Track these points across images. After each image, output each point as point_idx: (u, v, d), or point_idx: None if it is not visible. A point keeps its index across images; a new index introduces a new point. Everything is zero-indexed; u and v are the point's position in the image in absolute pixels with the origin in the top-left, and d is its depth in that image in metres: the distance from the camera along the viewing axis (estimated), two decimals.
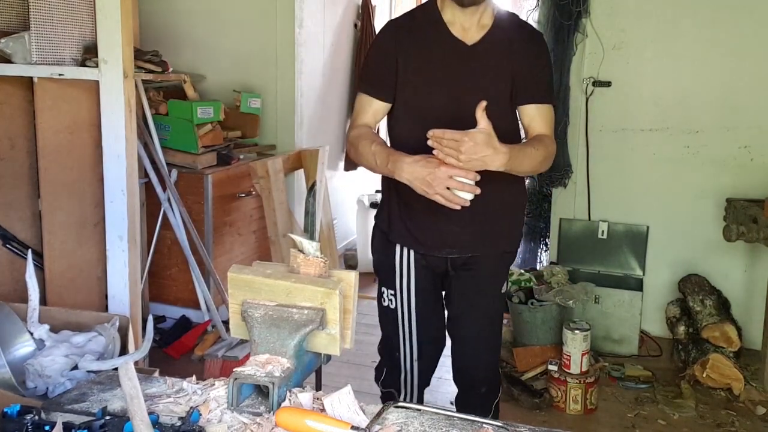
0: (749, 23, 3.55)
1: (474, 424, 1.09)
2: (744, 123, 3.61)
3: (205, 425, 1.06)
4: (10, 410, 1.08)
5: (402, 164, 1.69)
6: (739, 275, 3.70)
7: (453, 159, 1.58)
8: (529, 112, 1.92)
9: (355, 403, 1.10)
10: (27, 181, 2.71)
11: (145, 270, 3.52)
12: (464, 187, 1.62)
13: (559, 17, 3.73)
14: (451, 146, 1.57)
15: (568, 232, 3.92)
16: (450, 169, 1.60)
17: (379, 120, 1.98)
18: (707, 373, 3.16)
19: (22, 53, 2.52)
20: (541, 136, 1.89)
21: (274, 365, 1.12)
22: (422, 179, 1.64)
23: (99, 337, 1.97)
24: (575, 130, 3.86)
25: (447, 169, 1.60)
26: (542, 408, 3.06)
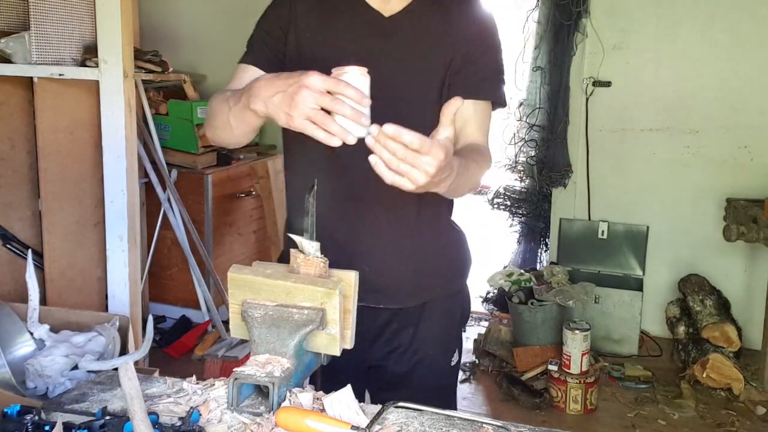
0: (749, 23, 3.54)
1: (474, 424, 1.09)
2: (744, 123, 3.61)
3: (205, 425, 1.05)
4: (10, 410, 1.08)
5: (258, 82, 1.18)
6: (739, 275, 3.70)
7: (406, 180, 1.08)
8: (463, 110, 1.41)
9: (355, 402, 1.10)
10: (27, 181, 2.71)
11: (145, 270, 3.52)
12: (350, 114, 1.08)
13: (559, 17, 3.73)
14: (407, 159, 1.05)
15: (568, 232, 3.92)
16: (329, 79, 1.09)
17: None
18: (707, 373, 3.16)
19: (22, 53, 2.52)
20: (479, 148, 1.43)
21: (274, 365, 1.12)
22: (284, 93, 1.11)
23: (99, 337, 1.97)
24: (575, 130, 3.86)
25: (322, 77, 1.08)
26: (542, 408, 3.06)
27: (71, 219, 2.66)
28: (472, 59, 1.43)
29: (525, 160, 4.02)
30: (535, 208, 4.23)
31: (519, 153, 4.03)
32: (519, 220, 4.33)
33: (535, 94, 3.91)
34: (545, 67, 3.84)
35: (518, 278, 3.64)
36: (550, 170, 3.89)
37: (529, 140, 3.96)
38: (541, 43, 3.84)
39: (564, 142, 3.85)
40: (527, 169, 4.04)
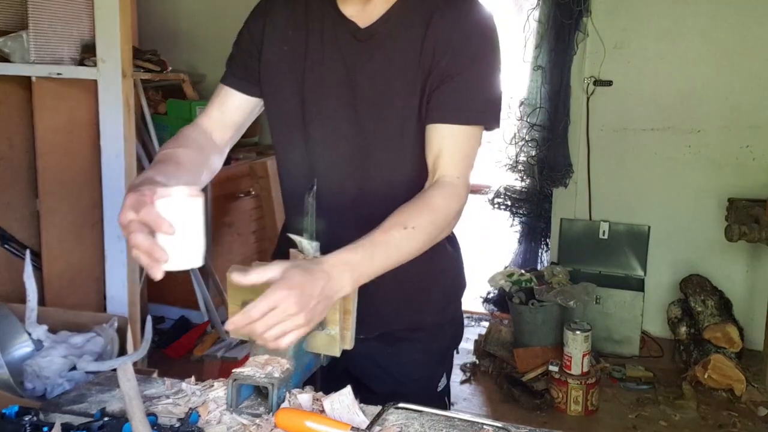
0: (750, 22, 3.54)
1: (474, 425, 1.08)
2: (746, 122, 3.61)
3: (204, 426, 1.05)
4: (9, 411, 1.08)
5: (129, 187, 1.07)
6: (740, 276, 3.69)
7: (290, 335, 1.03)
8: (436, 136, 1.25)
9: (355, 404, 1.09)
10: (25, 181, 2.70)
11: (144, 270, 3.51)
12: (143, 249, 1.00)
13: (560, 16, 3.73)
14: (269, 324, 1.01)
15: (569, 232, 3.92)
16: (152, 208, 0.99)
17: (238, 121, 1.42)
18: (709, 374, 3.16)
19: (21, 52, 2.51)
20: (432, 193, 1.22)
21: (273, 366, 1.11)
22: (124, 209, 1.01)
23: (97, 338, 1.96)
24: (576, 129, 3.85)
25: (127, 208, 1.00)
26: (543, 409, 3.05)
27: (69, 219, 2.65)
28: (451, 74, 1.25)
29: (526, 160, 4.01)
30: (535, 208, 4.23)
31: (520, 153, 4.03)
32: (520, 220, 4.33)
33: (535, 93, 3.91)
34: (546, 67, 3.84)
35: (519, 278, 3.63)
36: (551, 170, 3.89)
37: (530, 140, 3.95)
38: (542, 43, 3.83)
39: (565, 141, 3.85)
40: (528, 169, 4.04)
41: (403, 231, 1.15)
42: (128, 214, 1.00)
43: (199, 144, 1.34)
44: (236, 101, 1.39)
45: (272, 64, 1.35)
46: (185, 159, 1.26)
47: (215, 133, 1.40)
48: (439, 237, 1.22)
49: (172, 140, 1.33)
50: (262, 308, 1.00)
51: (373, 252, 1.12)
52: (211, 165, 1.36)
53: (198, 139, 1.35)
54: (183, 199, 1.00)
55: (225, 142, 1.42)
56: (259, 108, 1.42)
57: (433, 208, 1.20)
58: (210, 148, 1.37)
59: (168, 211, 0.99)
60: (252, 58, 1.36)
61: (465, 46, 1.25)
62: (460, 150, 1.26)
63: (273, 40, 1.34)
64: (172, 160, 1.24)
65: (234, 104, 1.39)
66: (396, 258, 1.15)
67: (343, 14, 1.29)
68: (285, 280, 1.02)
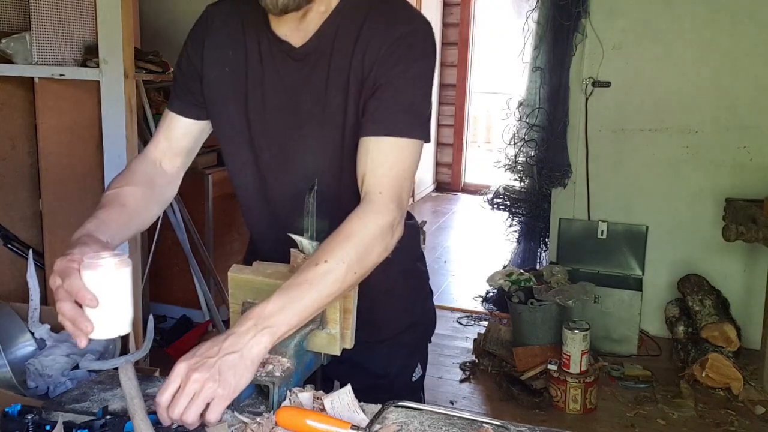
0: (748, 24, 3.55)
1: (474, 424, 1.09)
2: (743, 123, 3.61)
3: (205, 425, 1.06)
4: (11, 410, 1.09)
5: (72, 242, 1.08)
6: (738, 275, 3.70)
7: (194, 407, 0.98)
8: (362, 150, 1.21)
9: (355, 402, 1.10)
10: (28, 181, 2.71)
11: (146, 270, 3.53)
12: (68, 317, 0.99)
13: (559, 17, 3.73)
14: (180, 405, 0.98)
15: (568, 232, 3.93)
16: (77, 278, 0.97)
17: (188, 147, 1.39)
18: (706, 373, 3.17)
19: (23, 53, 2.52)
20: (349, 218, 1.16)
21: (274, 365, 1.12)
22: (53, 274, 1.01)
23: None
24: (575, 130, 3.86)
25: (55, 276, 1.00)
26: (542, 407, 3.06)
27: (72, 219, 2.66)
28: (378, 85, 1.21)
29: (525, 160, 4.02)
30: (534, 208, 4.24)
31: (519, 153, 4.03)
32: (518, 220, 4.34)
33: (534, 94, 3.91)
34: (545, 68, 3.84)
35: (518, 278, 3.64)
36: (550, 170, 3.89)
37: (529, 140, 3.96)
38: (541, 44, 3.84)
39: (563, 142, 3.86)
40: (527, 169, 4.04)
41: (315, 268, 1.10)
42: (56, 281, 0.99)
43: (148, 177, 1.33)
44: (183, 126, 1.36)
45: (215, 86, 1.32)
46: (131, 199, 1.25)
47: (165, 162, 1.37)
48: (366, 262, 1.14)
49: (119, 176, 1.31)
50: (167, 394, 0.99)
51: (286, 300, 1.07)
52: (161, 197, 1.35)
53: (147, 172, 1.33)
54: (109, 270, 0.98)
55: (176, 169, 1.39)
56: (208, 129, 1.39)
57: (348, 235, 1.14)
58: (160, 180, 1.35)
59: (93, 283, 0.97)
60: (194, 80, 1.33)
61: (391, 57, 1.20)
62: (383, 163, 1.19)
63: (213, 61, 1.31)
64: (117, 202, 1.23)
65: (181, 130, 1.37)
66: (317, 297, 1.09)
67: (277, 35, 1.25)
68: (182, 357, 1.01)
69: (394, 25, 1.21)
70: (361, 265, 1.14)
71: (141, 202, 1.28)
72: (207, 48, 1.32)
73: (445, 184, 7.85)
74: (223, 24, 1.32)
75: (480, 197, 4.69)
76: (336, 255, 1.11)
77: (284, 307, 1.07)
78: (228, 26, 1.31)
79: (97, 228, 1.14)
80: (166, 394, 0.99)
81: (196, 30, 1.36)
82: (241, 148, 1.34)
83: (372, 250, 1.15)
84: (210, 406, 0.99)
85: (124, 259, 1.01)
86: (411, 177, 1.23)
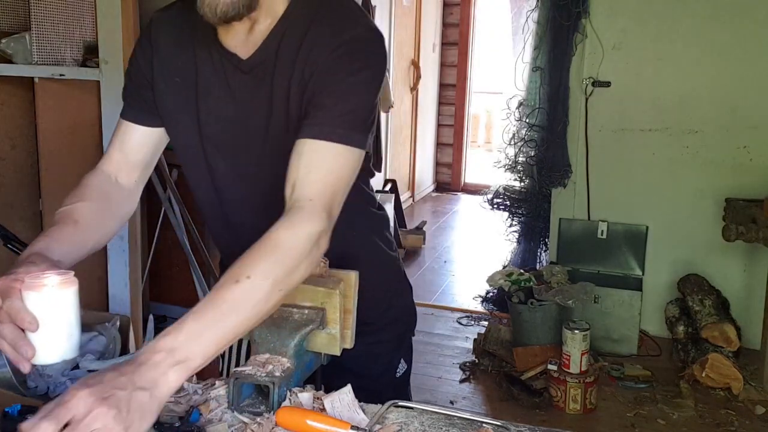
0: (748, 23, 3.55)
1: (474, 424, 1.09)
2: (743, 123, 3.62)
3: (205, 425, 1.06)
4: (11, 410, 1.09)
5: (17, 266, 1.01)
6: (738, 275, 3.70)
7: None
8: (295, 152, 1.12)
9: (355, 402, 1.10)
10: (28, 181, 2.71)
11: (146, 270, 3.53)
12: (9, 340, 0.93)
13: (559, 17, 3.73)
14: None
15: (568, 232, 3.93)
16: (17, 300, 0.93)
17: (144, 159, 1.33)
18: (706, 373, 3.17)
19: (23, 54, 2.53)
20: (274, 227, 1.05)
21: (274, 365, 1.12)
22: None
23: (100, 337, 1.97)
24: (575, 130, 3.86)
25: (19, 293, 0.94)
26: (542, 407, 3.06)
27: None
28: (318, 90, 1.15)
29: (525, 160, 4.02)
30: (534, 207, 4.24)
31: (518, 153, 4.04)
32: (518, 220, 4.34)
33: (534, 94, 3.92)
34: (545, 68, 3.84)
35: (518, 278, 3.64)
36: (550, 170, 3.89)
37: (529, 140, 3.96)
38: (541, 44, 3.84)
39: (563, 142, 3.86)
40: (527, 169, 4.05)
41: (235, 285, 0.97)
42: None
43: (104, 193, 1.26)
44: (138, 136, 1.30)
45: (165, 96, 1.27)
46: (85, 216, 1.19)
47: (121, 176, 1.31)
48: (293, 278, 1.04)
49: (72, 193, 1.24)
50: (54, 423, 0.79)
51: (202, 325, 0.93)
52: (118, 212, 1.29)
53: (101, 187, 1.27)
54: (52, 291, 0.93)
55: (134, 183, 1.32)
56: (165, 139, 1.33)
57: (274, 246, 1.02)
58: (116, 195, 1.29)
59: (35, 304, 0.92)
60: (146, 89, 1.28)
61: (333, 64, 1.14)
62: (318, 168, 1.11)
63: (163, 70, 1.26)
64: (70, 219, 1.17)
65: (136, 140, 1.30)
66: (237, 321, 0.96)
67: (225, 47, 1.20)
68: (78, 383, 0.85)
69: (337, 32, 1.16)
70: (288, 282, 1.02)
71: (95, 218, 1.21)
72: (156, 57, 1.27)
73: (445, 184, 7.85)
74: (171, 32, 1.26)
75: (480, 197, 4.69)
76: (260, 270, 0.99)
77: (200, 334, 0.93)
78: (176, 34, 1.26)
79: (47, 246, 1.07)
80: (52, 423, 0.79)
81: (143, 38, 1.30)
82: (196, 161, 1.29)
83: (300, 265, 1.04)
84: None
85: (70, 278, 0.94)
86: (345, 187, 1.14)
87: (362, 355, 1.33)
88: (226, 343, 0.96)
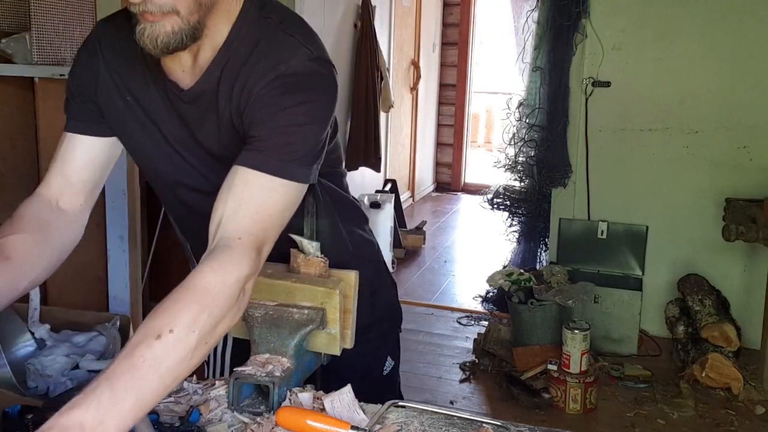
0: (749, 23, 3.55)
1: (474, 424, 1.09)
2: (743, 123, 3.62)
3: (206, 425, 1.06)
4: (11, 410, 1.09)
5: None
6: (738, 275, 3.70)
7: None
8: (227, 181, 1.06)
9: (355, 402, 1.10)
10: (28, 182, 2.71)
11: (146, 270, 3.53)
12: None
13: (559, 17, 3.73)
14: None
15: (568, 231, 3.93)
16: None
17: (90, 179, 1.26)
18: (706, 373, 3.17)
19: (23, 53, 2.52)
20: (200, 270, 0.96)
21: (274, 365, 1.12)
22: None
23: (100, 337, 1.97)
24: (575, 130, 3.86)
25: None
26: (542, 407, 3.06)
27: None
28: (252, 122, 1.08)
29: (525, 160, 4.02)
30: (534, 207, 4.24)
31: (518, 153, 4.04)
32: (518, 219, 4.34)
33: (534, 94, 3.92)
34: (545, 68, 3.85)
35: (518, 278, 3.64)
36: (550, 170, 3.89)
37: (529, 140, 3.96)
38: (541, 44, 3.84)
39: (563, 142, 3.86)
40: (527, 169, 4.05)
41: (156, 342, 0.86)
42: None
43: (40, 221, 1.17)
44: (83, 150, 1.22)
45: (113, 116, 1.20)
46: (18, 250, 1.10)
47: (63, 200, 1.22)
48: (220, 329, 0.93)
49: (5, 224, 1.15)
50: None
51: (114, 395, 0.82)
52: (59, 241, 1.20)
53: (38, 215, 1.18)
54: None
55: (78, 208, 1.24)
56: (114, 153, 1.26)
57: (201, 292, 0.92)
58: (57, 223, 1.20)
59: None
60: (90, 102, 1.21)
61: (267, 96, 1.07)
62: (247, 202, 1.02)
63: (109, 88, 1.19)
64: (2, 255, 1.08)
65: (81, 156, 1.22)
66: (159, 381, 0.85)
67: (167, 76, 1.14)
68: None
69: (273, 64, 1.08)
70: (214, 334, 0.92)
71: (31, 252, 1.12)
72: (101, 72, 1.19)
73: (445, 184, 7.85)
74: (115, 46, 1.18)
75: (480, 197, 4.69)
76: (184, 322, 0.88)
77: (115, 404, 0.81)
78: (121, 49, 1.17)
79: None
80: None
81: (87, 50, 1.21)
82: (158, 182, 1.27)
83: (227, 314, 0.94)
84: None
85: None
86: (279, 223, 1.06)
87: (344, 356, 1.27)
88: (147, 409, 0.86)
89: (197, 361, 0.90)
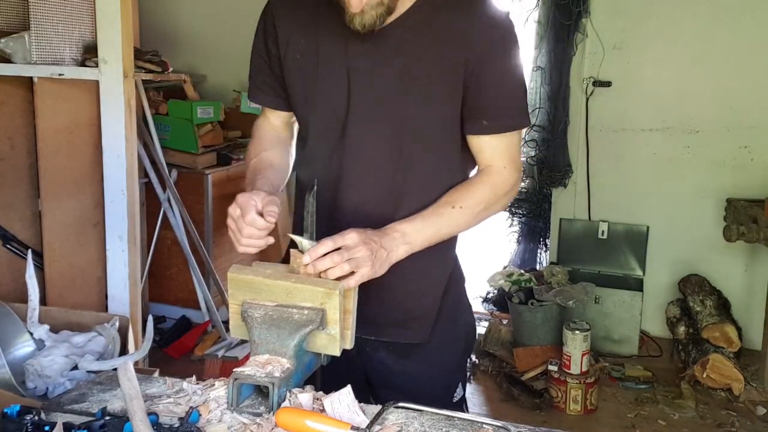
0: (749, 23, 3.55)
1: (474, 424, 1.09)
2: (744, 123, 3.61)
3: (205, 425, 1.05)
4: (10, 410, 1.08)
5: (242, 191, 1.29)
6: (739, 275, 3.70)
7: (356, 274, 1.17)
8: (478, 145, 1.35)
9: (355, 403, 1.10)
10: (27, 181, 2.71)
11: (145, 270, 3.52)
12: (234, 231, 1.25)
13: (560, 17, 3.73)
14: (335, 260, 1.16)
15: (568, 232, 3.92)
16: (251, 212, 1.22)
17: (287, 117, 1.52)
18: (707, 374, 3.16)
19: (22, 53, 2.52)
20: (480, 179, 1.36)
21: (274, 365, 1.12)
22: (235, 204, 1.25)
23: (99, 338, 1.97)
24: (575, 130, 3.86)
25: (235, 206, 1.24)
26: (542, 408, 3.06)
27: (71, 219, 2.66)
28: (485, 81, 1.28)
29: (525, 160, 4.02)
30: (535, 208, 4.24)
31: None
32: (519, 220, 4.34)
33: (535, 94, 3.92)
34: (545, 67, 3.84)
35: (518, 278, 3.64)
36: (550, 170, 3.89)
37: (530, 140, 3.96)
38: (542, 43, 3.84)
39: (564, 142, 3.85)
40: (527, 169, 4.05)
41: (451, 210, 1.31)
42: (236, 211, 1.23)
43: (278, 139, 1.51)
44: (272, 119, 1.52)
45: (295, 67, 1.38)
46: (275, 159, 1.46)
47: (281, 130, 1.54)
48: (485, 217, 1.37)
49: (252, 146, 1.49)
50: (330, 245, 1.16)
51: (423, 225, 1.29)
52: (291, 151, 1.54)
53: (275, 136, 1.51)
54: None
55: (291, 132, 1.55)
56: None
57: (480, 191, 1.34)
58: (285, 139, 1.53)
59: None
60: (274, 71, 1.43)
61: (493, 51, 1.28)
62: (504, 152, 1.36)
63: (289, 47, 1.37)
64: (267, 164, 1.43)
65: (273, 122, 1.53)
66: (446, 232, 1.32)
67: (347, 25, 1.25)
68: (351, 228, 1.19)
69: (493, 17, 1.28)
70: (484, 216, 1.36)
71: (282, 159, 1.48)
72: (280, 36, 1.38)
73: None
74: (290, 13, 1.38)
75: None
76: (469, 204, 1.33)
77: (422, 230, 1.28)
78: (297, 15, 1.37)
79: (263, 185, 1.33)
80: (327, 245, 1.16)
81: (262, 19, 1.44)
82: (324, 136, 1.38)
83: (493, 209, 1.38)
84: (353, 276, 1.17)
85: None
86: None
87: (422, 376, 1.41)
88: (435, 242, 1.31)
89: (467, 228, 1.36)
